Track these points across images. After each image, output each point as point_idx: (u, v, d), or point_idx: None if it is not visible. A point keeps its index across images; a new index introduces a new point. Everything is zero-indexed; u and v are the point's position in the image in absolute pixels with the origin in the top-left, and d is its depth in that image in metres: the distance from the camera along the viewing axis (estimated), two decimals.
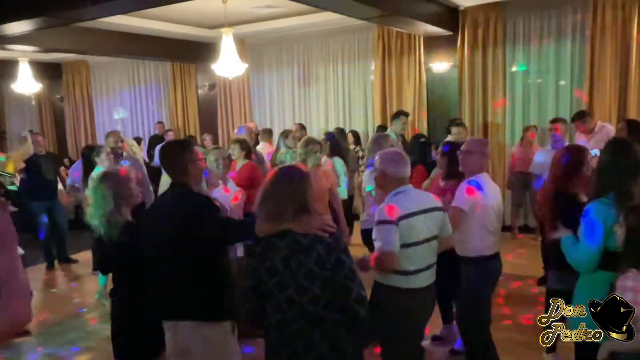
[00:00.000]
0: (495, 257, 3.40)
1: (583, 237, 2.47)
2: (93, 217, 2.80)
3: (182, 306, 2.54)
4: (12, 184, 5.58)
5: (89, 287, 6.06)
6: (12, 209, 4.15)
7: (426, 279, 2.79)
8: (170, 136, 9.69)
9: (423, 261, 2.76)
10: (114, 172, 2.94)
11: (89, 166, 5.54)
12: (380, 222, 2.67)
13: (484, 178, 3.37)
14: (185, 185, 2.61)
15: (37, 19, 5.92)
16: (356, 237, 5.31)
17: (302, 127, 7.85)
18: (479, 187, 3.28)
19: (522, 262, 5.94)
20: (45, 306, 5.54)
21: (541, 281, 5.02)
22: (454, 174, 3.72)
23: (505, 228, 5.27)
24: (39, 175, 6.39)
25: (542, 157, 5.75)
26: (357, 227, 5.13)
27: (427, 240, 2.75)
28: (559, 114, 7.16)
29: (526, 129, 7.14)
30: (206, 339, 2.51)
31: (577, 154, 3.20)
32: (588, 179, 2.98)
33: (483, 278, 3.35)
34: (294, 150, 5.85)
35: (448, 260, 3.14)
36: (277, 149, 6.33)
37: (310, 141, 4.57)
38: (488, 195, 3.31)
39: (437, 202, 2.87)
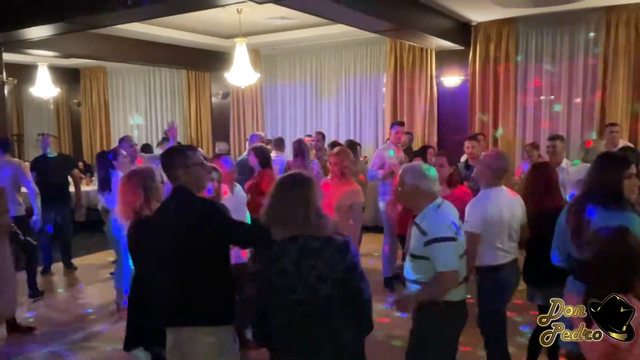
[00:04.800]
0: (507, 266, 3.34)
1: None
2: (121, 212, 2.89)
3: (182, 312, 2.51)
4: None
5: (94, 289, 6.14)
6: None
7: (464, 292, 2.81)
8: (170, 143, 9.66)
9: (463, 273, 2.76)
10: (145, 168, 3.04)
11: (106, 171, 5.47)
12: (442, 239, 2.62)
13: (495, 192, 3.34)
14: (184, 190, 2.56)
15: (56, 25, 6.08)
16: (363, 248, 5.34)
17: (323, 137, 7.85)
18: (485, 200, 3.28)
19: None
20: (51, 306, 5.61)
21: None
22: (452, 182, 3.76)
23: None
24: (47, 178, 6.25)
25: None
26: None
27: (463, 254, 2.76)
28: (571, 130, 7.15)
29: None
30: (207, 344, 2.48)
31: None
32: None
33: (494, 289, 3.32)
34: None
35: None
36: None
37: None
38: (499, 209, 3.27)
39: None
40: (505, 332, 3.44)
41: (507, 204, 3.34)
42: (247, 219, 4.11)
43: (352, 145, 7.44)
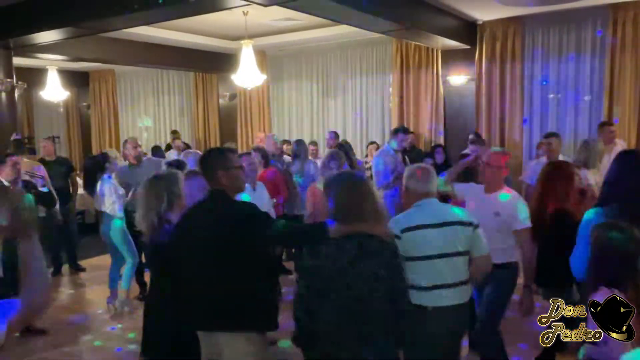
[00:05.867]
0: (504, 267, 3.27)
1: (577, 245, 2.50)
2: (143, 217, 2.83)
3: (222, 317, 2.44)
4: (44, 185, 5.74)
5: (104, 291, 6.21)
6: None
7: (450, 297, 2.63)
8: (177, 144, 9.74)
9: (442, 277, 2.61)
10: (170, 173, 3.04)
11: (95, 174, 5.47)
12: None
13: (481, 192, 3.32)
14: (222, 193, 2.52)
15: (65, 29, 6.17)
16: None
17: (337, 136, 7.86)
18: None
19: None
20: (62, 307, 5.69)
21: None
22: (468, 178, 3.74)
23: None
24: (50, 180, 6.17)
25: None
26: None
27: (445, 255, 2.61)
28: (578, 128, 7.12)
29: (539, 145, 7.06)
30: (243, 352, 2.43)
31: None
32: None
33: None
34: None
35: None
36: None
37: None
38: (481, 210, 3.17)
39: (461, 216, 2.71)
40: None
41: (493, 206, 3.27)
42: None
43: (348, 145, 7.31)
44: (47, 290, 1.57)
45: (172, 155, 8.21)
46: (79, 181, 7.51)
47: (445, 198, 3.52)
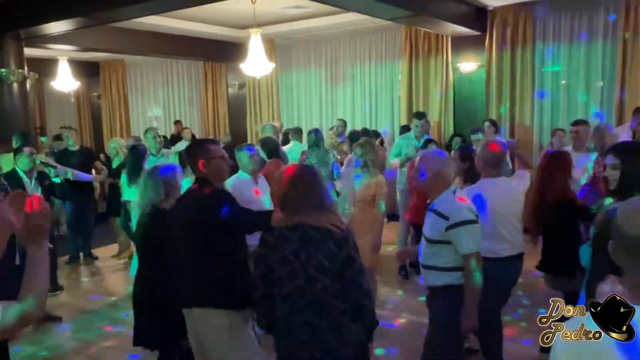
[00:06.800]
0: (510, 260, 3.31)
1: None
2: (140, 206, 3.08)
3: (194, 294, 2.64)
4: (57, 176, 5.82)
5: (118, 277, 6.31)
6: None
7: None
8: (187, 133, 9.85)
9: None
10: (166, 165, 3.22)
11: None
12: (466, 223, 2.66)
13: (490, 183, 3.30)
14: (204, 180, 2.70)
15: (75, 19, 6.21)
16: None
17: (345, 124, 7.86)
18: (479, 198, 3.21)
19: None
20: (76, 295, 5.79)
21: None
22: (472, 178, 3.74)
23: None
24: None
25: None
26: None
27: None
28: (589, 115, 7.04)
29: (553, 133, 7.01)
30: (217, 327, 2.58)
31: None
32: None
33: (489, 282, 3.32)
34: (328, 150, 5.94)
35: None
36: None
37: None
38: (492, 200, 3.21)
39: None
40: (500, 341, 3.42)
41: (507, 194, 3.31)
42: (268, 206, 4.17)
43: (367, 133, 7.35)
44: (45, 298, 1.61)
45: (183, 146, 8.25)
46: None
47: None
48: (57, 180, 5.89)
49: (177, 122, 10.88)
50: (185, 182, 3.82)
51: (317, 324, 2.23)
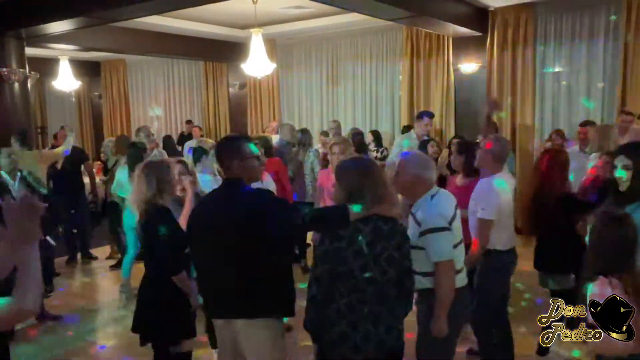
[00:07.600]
0: (509, 252, 3.38)
1: None
2: (133, 202, 3.01)
3: (239, 304, 2.44)
4: (43, 186, 5.78)
5: (118, 277, 6.30)
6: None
7: (461, 279, 2.78)
8: (196, 132, 9.85)
9: (459, 262, 2.77)
10: (157, 160, 3.15)
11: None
12: (435, 230, 2.63)
13: (499, 176, 3.35)
14: (237, 182, 2.50)
15: (76, 19, 6.21)
16: None
17: (339, 125, 7.91)
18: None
19: None
20: (76, 294, 5.79)
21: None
22: (473, 172, 3.75)
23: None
24: (62, 170, 6.47)
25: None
26: None
27: (460, 242, 2.78)
28: (590, 116, 7.03)
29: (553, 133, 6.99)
30: (262, 338, 2.44)
31: None
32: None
33: (493, 273, 3.33)
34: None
35: None
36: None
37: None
38: (507, 193, 3.32)
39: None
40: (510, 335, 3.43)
41: (511, 189, 3.40)
42: None
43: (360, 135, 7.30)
44: (39, 295, 1.60)
45: (192, 143, 8.23)
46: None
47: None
48: (43, 190, 5.84)
49: (188, 122, 10.88)
50: (204, 179, 3.80)
51: (379, 311, 2.33)
